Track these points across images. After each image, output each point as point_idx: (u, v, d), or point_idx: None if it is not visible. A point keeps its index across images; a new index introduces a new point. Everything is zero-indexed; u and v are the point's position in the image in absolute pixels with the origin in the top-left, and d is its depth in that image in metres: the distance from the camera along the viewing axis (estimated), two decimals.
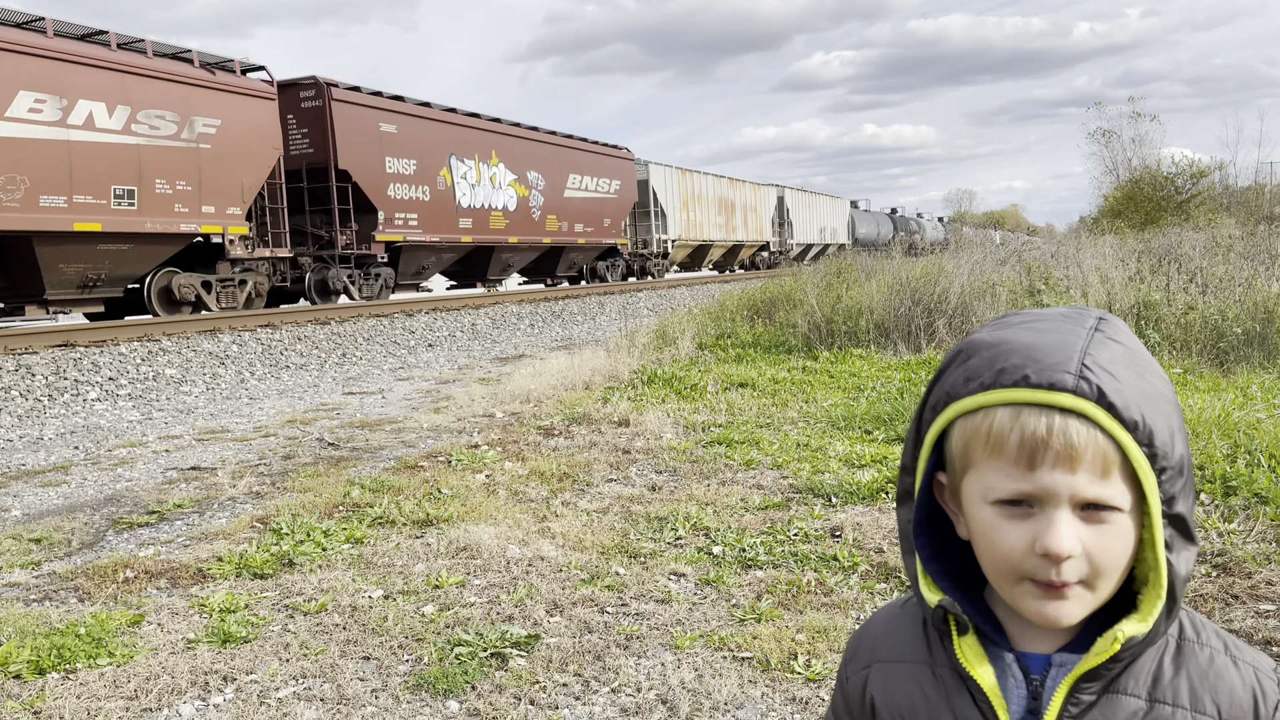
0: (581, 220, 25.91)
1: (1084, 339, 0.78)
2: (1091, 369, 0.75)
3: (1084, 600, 0.78)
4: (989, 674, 0.84)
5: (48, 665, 2.96)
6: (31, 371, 9.54)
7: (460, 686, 2.78)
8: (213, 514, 4.87)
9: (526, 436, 6.42)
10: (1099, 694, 0.81)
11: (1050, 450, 0.76)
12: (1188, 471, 0.78)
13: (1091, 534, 0.76)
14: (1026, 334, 0.80)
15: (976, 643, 0.86)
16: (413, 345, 14.17)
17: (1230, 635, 0.85)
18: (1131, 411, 0.74)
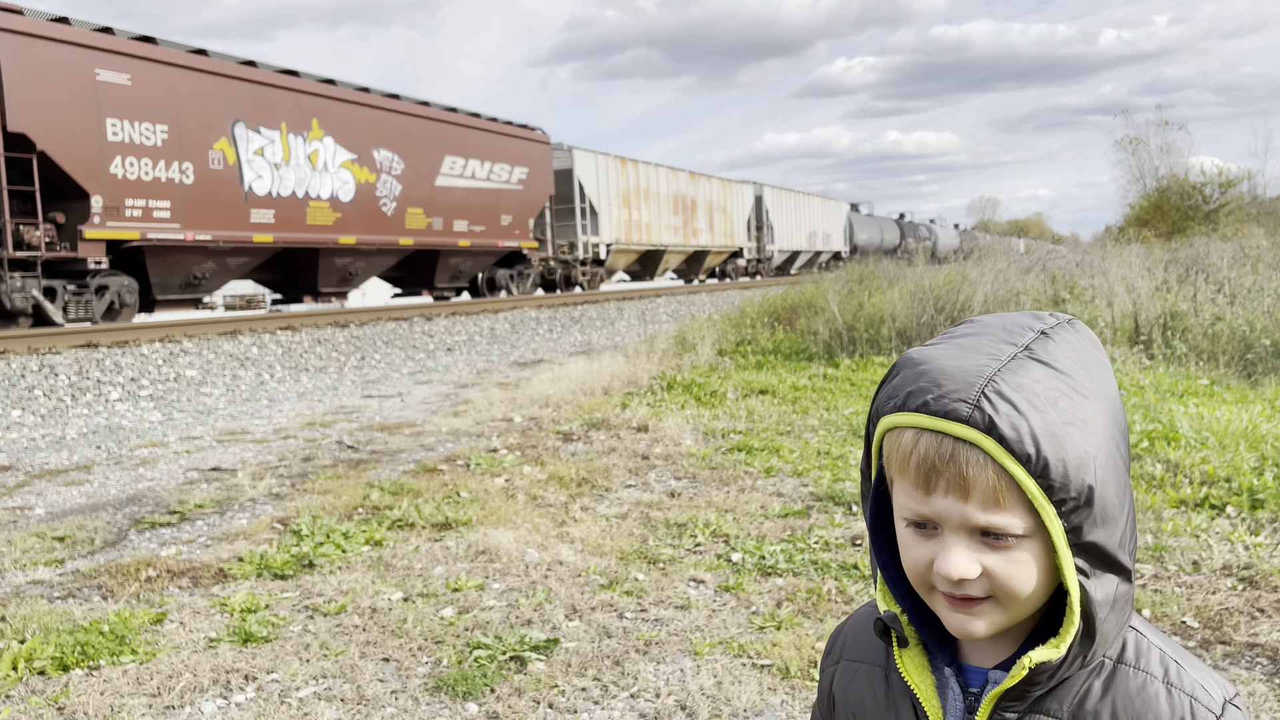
0: (466, 217, 20.17)
1: (1000, 362, 0.77)
2: (991, 398, 0.74)
3: (993, 617, 0.79)
4: (928, 685, 0.86)
5: (71, 662, 2.98)
6: (55, 371, 9.63)
7: (479, 689, 2.78)
8: (233, 515, 4.90)
9: (545, 441, 6.42)
10: (1023, 713, 0.81)
11: (942, 477, 0.77)
12: (1102, 500, 0.75)
13: (994, 558, 0.77)
14: (949, 353, 0.79)
15: (918, 654, 0.87)
16: (431, 349, 14.22)
17: (1187, 661, 0.83)
18: (1025, 444, 0.73)
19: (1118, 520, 0.77)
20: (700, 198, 32.15)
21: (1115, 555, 0.77)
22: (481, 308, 18.21)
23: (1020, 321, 0.81)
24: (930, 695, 0.86)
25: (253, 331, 13.21)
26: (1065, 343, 0.79)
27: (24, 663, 2.95)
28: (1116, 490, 0.77)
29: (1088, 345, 0.81)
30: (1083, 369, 0.78)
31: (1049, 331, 0.80)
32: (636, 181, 27.68)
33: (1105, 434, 0.76)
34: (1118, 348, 8.33)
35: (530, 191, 22.71)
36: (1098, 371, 0.79)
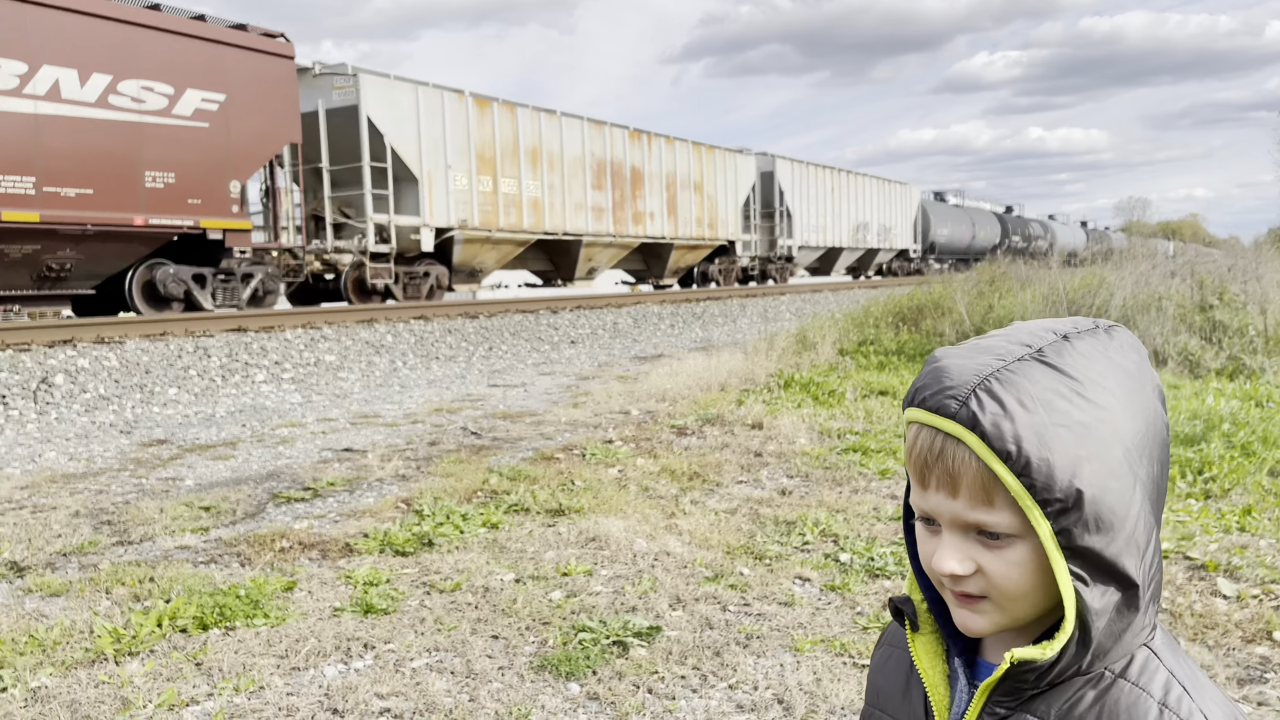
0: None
1: (1004, 363, 0.77)
2: (981, 396, 0.75)
3: (992, 615, 0.80)
4: (937, 672, 0.88)
5: (210, 621, 3.22)
6: (208, 354, 10.29)
7: (582, 670, 2.86)
8: (361, 493, 5.15)
9: (660, 434, 6.50)
10: (1012, 710, 0.81)
11: (933, 472, 0.79)
12: (1095, 505, 0.74)
13: (988, 557, 0.78)
14: (964, 353, 0.81)
15: (933, 642, 0.89)
16: (556, 341, 14.52)
17: (1196, 689, 0.80)
18: (1006, 441, 0.74)
19: (1118, 529, 0.75)
20: (652, 167, 22.06)
21: (1115, 564, 0.76)
22: (606, 302, 18.46)
23: (1048, 326, 0.82)
24: (938, 682, 0.88)
25: (388, 320, 13.77)
26: (1086, 349, 0.79)
27: (168, 620, 3.20)
28: (1120, 499, 0.75)
29: (1116, 353, 0.80)
30: (1097, 375, 0.78)
31: (1072, 337, 0.80)
32: (510, 135, 17.75)
33: (1109, 441, 0.76)
34: (1270, 358, 7.83)
35: (226, 133, 12.75)
36: (1117, 379, 0.78)
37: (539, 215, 18.69)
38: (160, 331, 10.99)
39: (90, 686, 2.75)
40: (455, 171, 16.64)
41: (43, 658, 2.94)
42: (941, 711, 0.88)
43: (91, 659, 2.94)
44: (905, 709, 0.94)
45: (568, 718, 2.60)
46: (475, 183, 17.09)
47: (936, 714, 0.88)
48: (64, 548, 4.16)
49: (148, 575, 3.69)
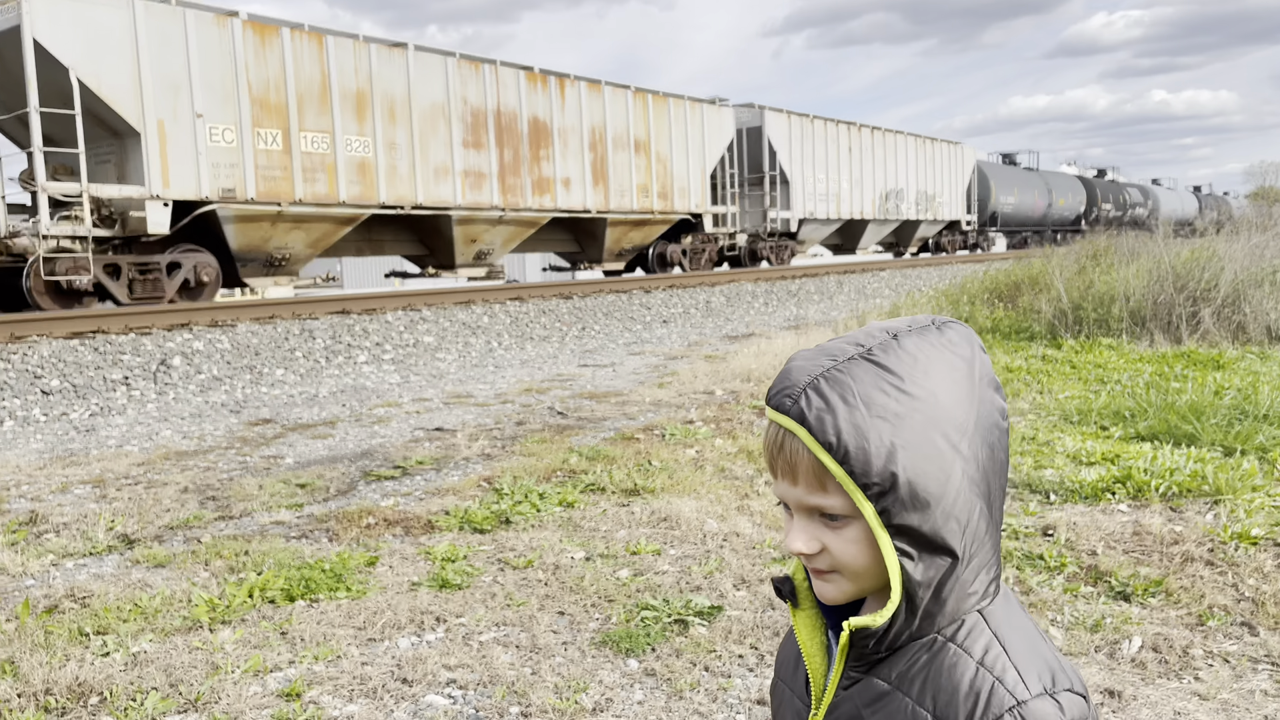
0: None
1: (835, 362, 0.86)
2: (810, 394, 0.85)
3: (842, 586, 0.90)
4: (815, 644, 0.96)
5: (296, 594, 3.41)
6: (313, 335, 10.74)
7: (641, 647, 2.94)
8: (447, 472, 5.34)
9: (740, 415, 6.52)
10: (863, 675, 0.90)
11: (778, 463, 0.89)
12: (910, 487, 0.82)
13: (830, 536, 0.88)
14: (808, 355, 0.89)
15: (812, 616, 0.97)
16: (648, 320, 14.61)
17: (1020, 650, 0.86)
18: (828, 433, 0.83)
19: (934, 507, 0.83)
20: (566, 121, 16.76)
21: (935, 538, 0.84)
22: (699, 280, 18.46)
23: (885, 326, 0.89)
24: (815, 653, 0.96)
25: (485, 302, 14.09)
26: (912, 346, 0.86)
27: (258, 592, 3.41)
28: (935, 481, 0.83)
29: (945, 348, 0.87)
30: (919, 370, 0.84)
31: (901, 335, 0.87)
32: (317, 75, 13.12)
33: (925, 428, 0.83)
34: None
35: None
36: (943, 372, 0.85)
37: (369, 182, 13.76)
38: (269, 315, 11.51)
39: (185, 652, 2.96)
40: (211, 122, 11.95)
41: (144, 624, 3.18)
42: (817, 679, 0.96)
43: (188, 626, 3.16)
44: (794, 677, 1.02)
45: (624, 692, 2.68)
46: (250, 138, 12.32)
47: (812, 681, 0.96)
48: (171, 522, 4.45)
49: (243, 549, 3.92)
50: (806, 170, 23.64)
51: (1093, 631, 3.03)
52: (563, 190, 16.89)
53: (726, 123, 21.22)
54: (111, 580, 3.61)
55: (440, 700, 2.65)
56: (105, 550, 4.05)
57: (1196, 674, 2.76)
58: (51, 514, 4.62)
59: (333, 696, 2.68)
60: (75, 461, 5.88)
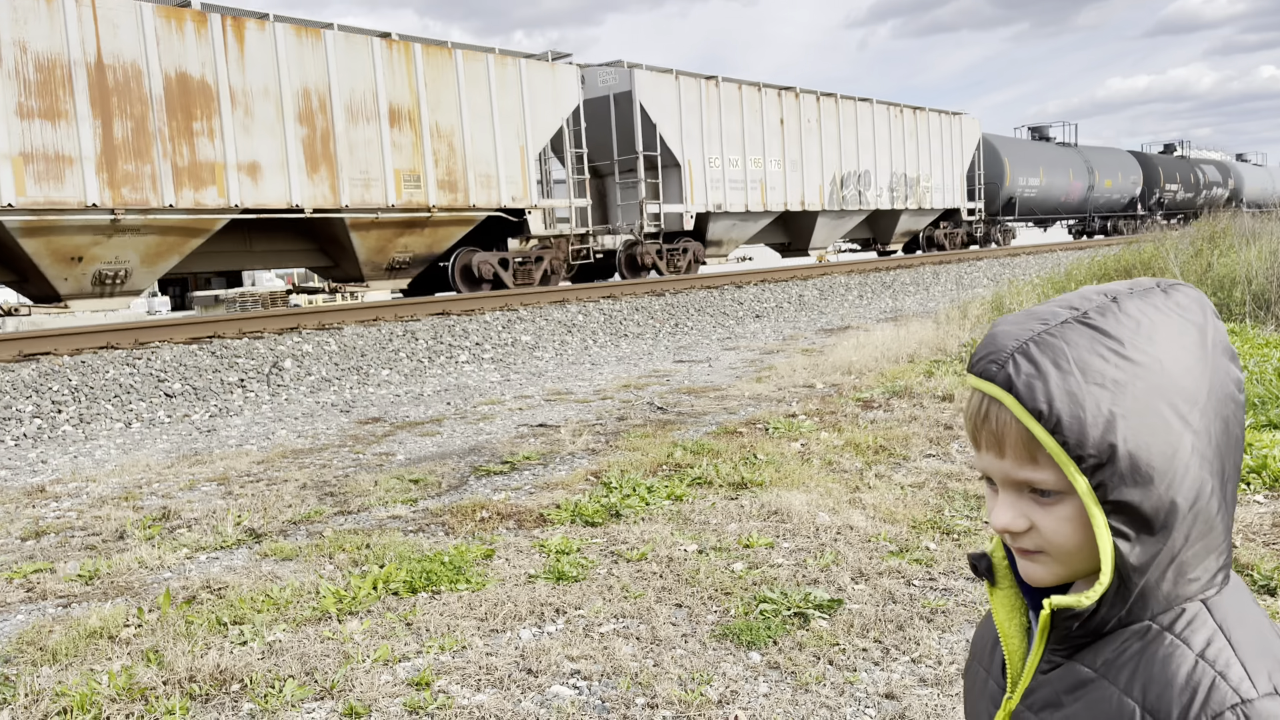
0: None
1: (1046, 326, 0.79)
2: (1018, 358, 0.79)
3: (1051, 568, 0.83)
4: (1013, 625, 0.91)
5: (419, 586, 3.49)
6: (415, 336, 10.99)
7: (763, 640, 2.92)
8: (554, 466, 5.40)
9: (844, 408, 6.43)
10: (1066, 659, 0.85)
11: (982, 434, 0.83)
12: (1131, 459, 0.76)
13: (1039, 513, 0.81)
14: (1016, 319, 0.83)
15: (1011, 597, 0.92)
16: (740, 316, 14.53)
17: (1249, 647, 0.78)
18: (1038, 400, 0.77)
19: (1157, 483, 0.76)
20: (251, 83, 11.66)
21: (1158, 518, 0.77)
22: (791, 274, 18.27)
23: (1103, 289, 0.83)
24: (1013, 634, 0.91)
25: (579, 300, 14.21)
26: (1134, 309, 0.79)
27: (382, 584, 3.50)
28: (1160, 454, 0.76)
29: (1173, 312, 0.80)
30: (1143, 335, 0.78)
31: (1121, 298, 0.80)
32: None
33: (1150, 397, 0.76)
34: None
35: None
36: (1170, 338, 0.78)
37: None
38: (373, 317, 11.82)
39: (317, 641, 3.05)
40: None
41: (276, 615, 3.29)
42: (1015, 661, 0.91)
43: (317, 617, 3.26)
44: (991, 660, 0.98)
45: (749, 685, 2.67)
46: None
47: (1009, 663, 0.91)
48: (294, 517, 4.61)
49: (364, 542, 4.03)
50: (710, 149, 17.93)
51: None
52: (244, 180, 11.54)
53: (567, 87, 15.50)
54: (243, 573, 3.75)
55: (566, 691, 2.68)
56: (234, 544, 4.21)
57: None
58: (182, 510, 4.82)
59: (461, 686, 2.73)
60: (200, 460, 6.13)
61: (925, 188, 24.23)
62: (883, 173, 22.57)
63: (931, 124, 24.36)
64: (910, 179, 23.52)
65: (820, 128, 20.61)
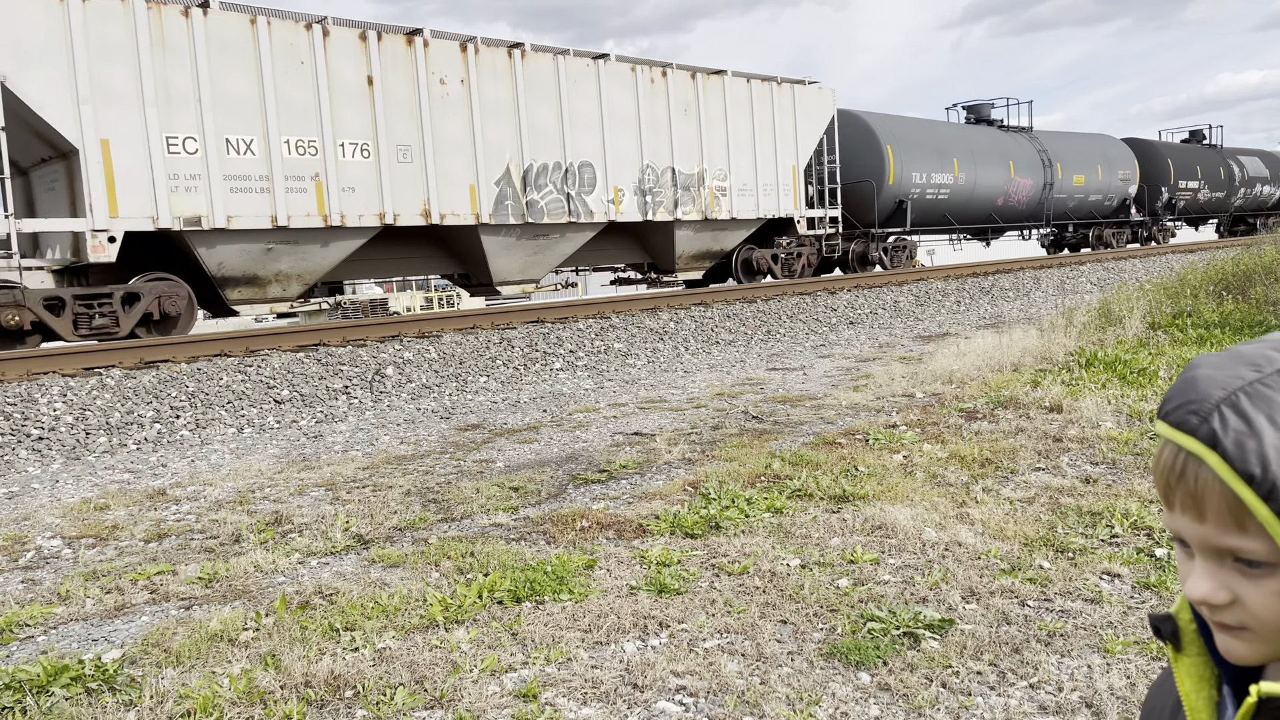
0: None
1: (1259, 375, 0.69)
2: (1225, 412, 0.69)
3: (1256, 646, 0.74)
4: (1201, 697, 0.81)
5: (523, 595, 3.52)
6: (511, 344, 11.15)
7: (872, 660, 2.85)
8: (651, 476, 5.39)
9: (947, 418, 6.27)
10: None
11: (1176, 493, 0.74)
12: None
13: (1245, 586, 0.72)
14: (1218, 362, 0.73)
15: (1200, 666, 0.82)
16: (833, 323, 14.34)
17: None
18: (1250, 463, 0.68)
19: None
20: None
21: None
22: (886, 280, 17.96)
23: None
24: (1201, 707, 0.81)
25: (670, 308, 14.22)
26: None
27: (486, 593, 3.54)
28: None
29: None
30: None
31: None
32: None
33: None
34: None
35: None
36: None
37: None
38: (470, 325, 12.04)
39: (425, 650, 3.11)
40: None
41: (386, 622, 3.36)
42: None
43: (425, 625, 3.32)
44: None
45: (859, 707, 2.61)
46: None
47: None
48: (399, 523, 4.71)
49: (469, 550, 4.09)
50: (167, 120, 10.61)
51: None
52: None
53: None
54: (353, 579, 3.84)
55: (673, 708, 2.66)
56: (343, 550, 4.32)
57: None
58: (293, 515, 4.97)
59: (567, 699, 2.74)
60: (308, 466, 6.33)
61: (721, 189, 16.58)
62: (624, 166, 15.18)
63: (733, 96, 16.64)
64: (688, 176, 16.10)
65: (474, 95, 13.20)
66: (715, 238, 17.20)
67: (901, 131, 20.67)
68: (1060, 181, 25.17)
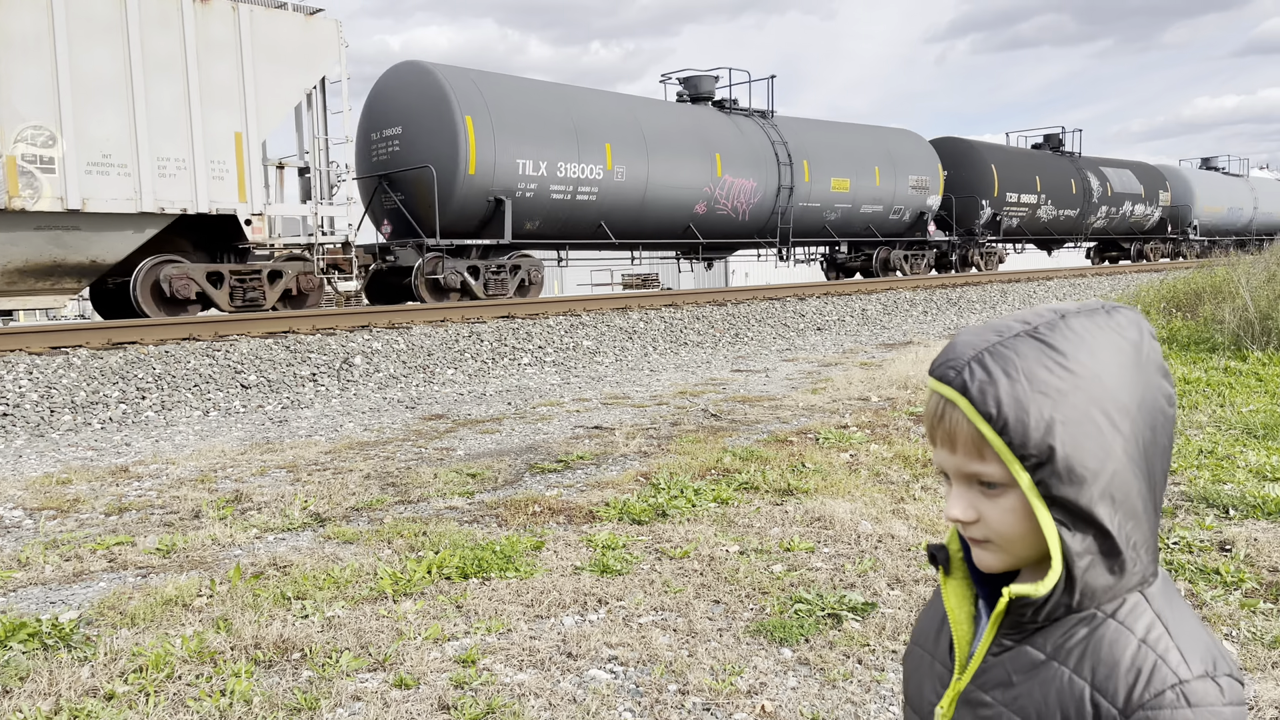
0: None
1: (1000, 338, 0.89)
2: (973, 367, 0.88)
3: (999, 555, 0.93)
4: (963, 611, 1.00)
5: (470, 572, 3.66)
6: (480, 338, 11.26)
7: (795, 637, 3.02)
8: (606, 467, 5.55)
9: (896, 421, 6.47)
10: (1017, 643, 0.93)
11: (938, 431, 0.93)
12: (1067, 461, 0.85)
13: (986, 505, 0.91)
14: (975, 329, 0.92)
15: (961, 585, 1.00)
16: (801, 328, 14.55)
17: (1182, 632, 0.87)
18: (988, 404, 0.86)
19: (1090, 482, 0.85)
20: None
21: (1090, 512, 0.87)
22: (855, 288, 18.22)
23: (1054, 307, 0.92)
24: (962, 620, 0.99)
25: (641, 308, 14.39)
26: (1079, 326, 0.89)
27: (436, 569, 3.68)
28: (1094, 456, 0.85)
29: (1113, 331, 0.89)
30: (1085, 350, 0.87)
31: (1069, 316, 0.90)
32: None
33: (1087, 405, 0.86)
34: None
35: None
36: (1109, 354, 0.89)
37: None
38: (441, 318, 12.13)
39: (373, 619, 3.24)
40: None
41: (336, 593, 3.49)
42: (963, 645, 0.99)
43: (374, 596, 3.45)
44: (936, 644, 1.05)
45: (778, 678, 2.77)
46: None
47: (957, 646, 0.99)
48: (356, 504, 4.83)
49: (421, 530, 4.23)
50: None
51: (1270, 648, 2.91)
52: None
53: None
54: (307, 553, 3.97)
55: (603, 675, 2.81)
56: (300, 527, 4.44)
57: None
58: (253, 494, 5.08)
59: (504, 665, 2.89)
60: (271, 449, 6.43)
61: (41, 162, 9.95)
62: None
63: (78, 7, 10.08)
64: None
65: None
66: (39, 242, 10.35)
67: (500, 98, 14.30)
68: (808, 186, 19.17)
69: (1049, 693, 0.90)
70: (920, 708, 1.06)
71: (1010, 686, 0.93)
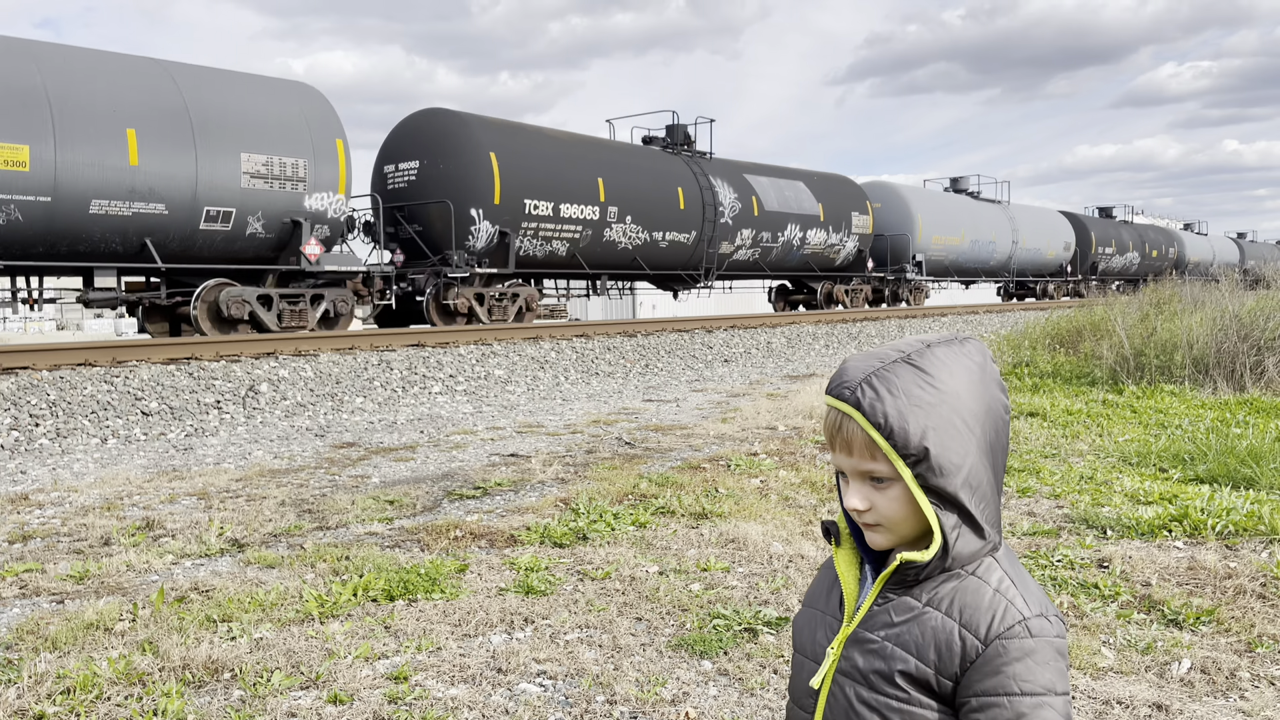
0: None
1: (883, 364, 1.17)
2: (864, 386, 1.14)
3: (887, 535, 1.20)
4: (851, 575, 1.26)
5: (396, 594, 3.73)
6: (390, 366, 11.20)
7: (715, 650, 3.19)
8: (525, 493, 5.64)
9: (804, 449, 6.74)
10: (898, 595, 1.19)
11: (837, 439, 1.19)
12: (937, 459, 1.10)
13: (877, 496, 1.18)
14: (861, 357, 1.19)
15: (849, 554, 1.27)
16: (709, 360, 14.88)
17: (1021, 583, 1.17)
18: (878, 416, 1.12)
19: (955, 475, 1.12)
20: None
21: (956, 498, 1.13)
22: (760, 322, 18.69)
23: (920, 339, 1.20)
24: (850, 581, 1.26)
25: (552, 338, 14.50)
26: (941, 353, 1.16)
27: (362, 591, 3.73)
28: (957, 454, 1.12)
29: (965, 356, 1.17)
30: (946, 372, 1.15)
31: (933, 345, 1.17)
32: None
33: (950, 415, 1.12)
34: None
35: None
36: (963, 374, 1.15)
37: None
38: (349, 346, 12.02)
39: (302, 639, 3.28)
40: None
41: (262, 615, 3.51)
42: (851, 599, 1.25)
43: (301, 618, 3.49)
44: (827, 601, 1.30)
45: (700, 688, 2.93)
46: None
47: (847, 601, 1.25)
48: (274, 530, 4.82)
49: (344, 554, 4.26)
50: None
51: (1144, 653, 3.19)
52: None
53: None
54: (229, 577, 3.96)
55: (533, 688, 2.93)
56: (218, 552, 4.42)
57: (1243, 694, 2.91)
58: (165, 520, 5.02)
59: (436, 681, 2.97)
60: (179, 476, 6.32)
61: None
62: None
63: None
64: None
65: None
66: None
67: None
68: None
69: (925, 630, 1.15)
70: (814, 652, 1.29)
71: (893, 626, 1.18)
